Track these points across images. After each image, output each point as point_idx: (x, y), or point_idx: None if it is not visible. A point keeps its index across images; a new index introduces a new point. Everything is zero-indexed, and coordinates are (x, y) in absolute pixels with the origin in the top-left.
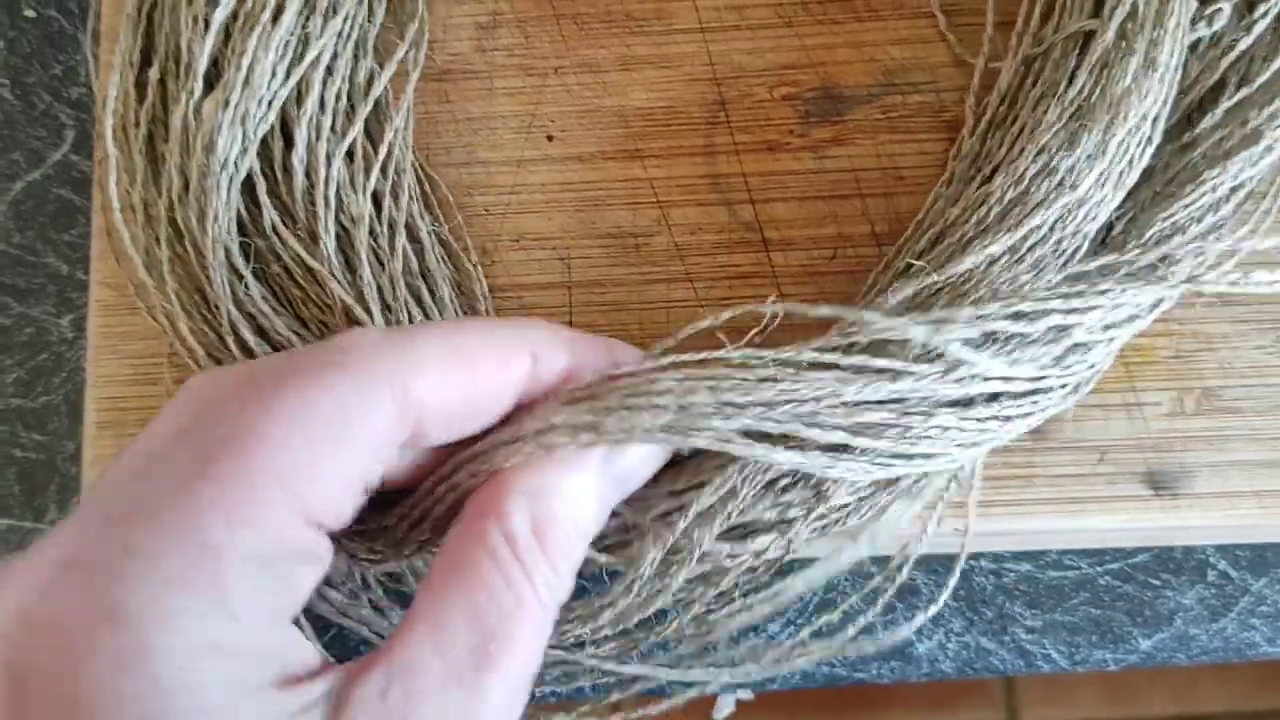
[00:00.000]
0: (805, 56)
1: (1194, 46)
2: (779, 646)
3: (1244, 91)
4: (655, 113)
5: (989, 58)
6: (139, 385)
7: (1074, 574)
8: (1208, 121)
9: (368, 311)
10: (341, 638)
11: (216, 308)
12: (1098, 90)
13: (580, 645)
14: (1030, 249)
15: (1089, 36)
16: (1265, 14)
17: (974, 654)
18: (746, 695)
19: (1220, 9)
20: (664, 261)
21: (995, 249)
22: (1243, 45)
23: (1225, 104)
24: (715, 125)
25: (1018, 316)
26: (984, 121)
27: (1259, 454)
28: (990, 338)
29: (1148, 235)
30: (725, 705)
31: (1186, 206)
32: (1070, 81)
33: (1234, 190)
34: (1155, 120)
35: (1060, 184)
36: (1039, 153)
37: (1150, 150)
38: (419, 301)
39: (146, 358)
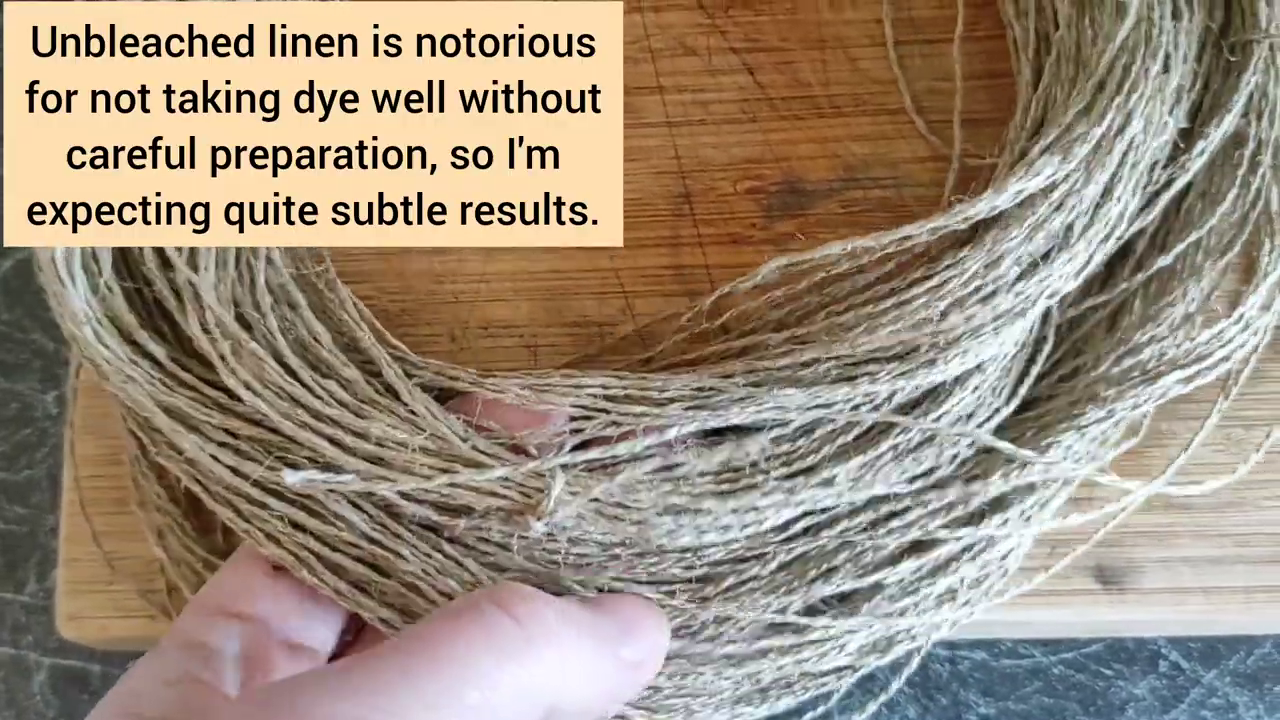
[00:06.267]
0: (769, 151)
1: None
2: None
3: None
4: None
5: (961, 155)
6: (117, 465)
7: (1028, 662)
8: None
9: None
10: None
11: None
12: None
13: None
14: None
15: None
16: (1203, 151)
17: None
18: None
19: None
20: (628, 350)
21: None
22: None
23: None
24: (680, 218)
25: None
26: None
27: (1207, 550)
28: None
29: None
30: None
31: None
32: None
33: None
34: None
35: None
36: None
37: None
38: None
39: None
